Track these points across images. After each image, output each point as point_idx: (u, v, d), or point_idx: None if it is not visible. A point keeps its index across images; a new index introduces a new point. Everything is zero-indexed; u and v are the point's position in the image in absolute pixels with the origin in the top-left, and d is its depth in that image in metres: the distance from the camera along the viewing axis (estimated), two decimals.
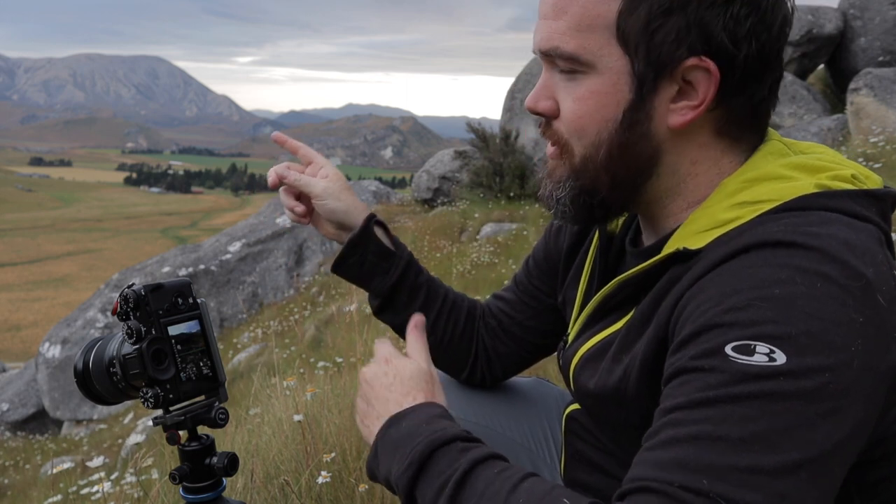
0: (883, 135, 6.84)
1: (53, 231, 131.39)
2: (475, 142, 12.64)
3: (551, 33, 0.87)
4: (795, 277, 0.71)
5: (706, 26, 0.81)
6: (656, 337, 0.83)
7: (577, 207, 0.92)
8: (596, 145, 0.88)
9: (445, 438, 0.84)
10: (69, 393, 11.27)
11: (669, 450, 0.70)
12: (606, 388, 0.91)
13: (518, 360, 1.30)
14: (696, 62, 0.82)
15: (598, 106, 0.86)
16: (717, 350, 0.71)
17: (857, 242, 0.74)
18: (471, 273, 8.08)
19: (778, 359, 0.68)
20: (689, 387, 0.72)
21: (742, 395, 0.68)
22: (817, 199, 0.80)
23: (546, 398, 1.35)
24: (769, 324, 0.69)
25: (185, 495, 1.00)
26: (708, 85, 0.83)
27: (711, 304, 0.74)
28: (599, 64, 0.85)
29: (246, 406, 2.64)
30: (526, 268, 1.28)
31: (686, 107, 0.85)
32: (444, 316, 1.26)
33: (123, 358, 0.95)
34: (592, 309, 1.00)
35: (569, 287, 1.15)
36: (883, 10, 10.87)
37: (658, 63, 0.83)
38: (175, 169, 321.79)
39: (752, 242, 0.75)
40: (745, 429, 0.67)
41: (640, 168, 0.89)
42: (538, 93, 0.92)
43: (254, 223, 14.44)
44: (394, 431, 0.90)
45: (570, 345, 1.05)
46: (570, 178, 0.91)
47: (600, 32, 0.84)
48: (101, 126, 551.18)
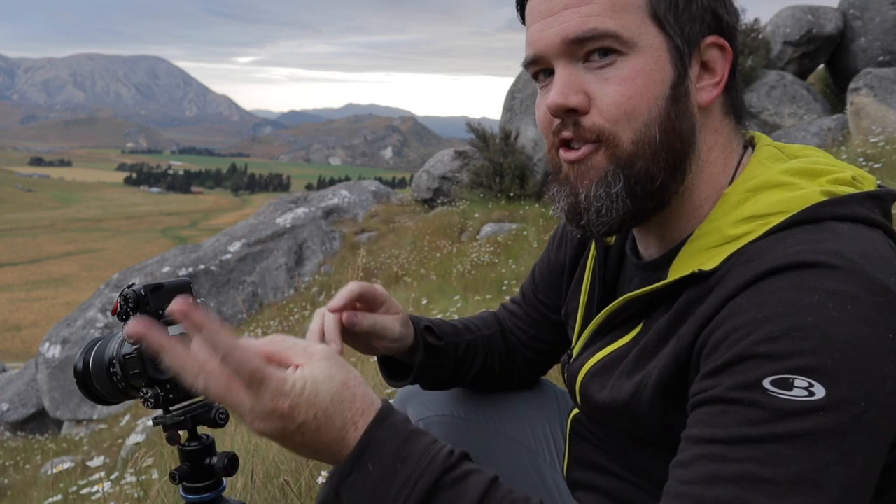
0: (883, 135, 6.84)
1: (53, 231, 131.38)
2: (475, 142, 12.63)
3: (584, 17, 0.84)
4: (827, 303, 0.71)
5: (716, 9, 0.88)
6: (676, 359, 0.82)
7: (633, 199, 0.86)
8: (648, 124, 0.85)
9: (434, 478, 0.74)
10: (69, 393, 11.27)
11: (713, 488, 0.70)
12: (616, 402, 0.91)
13: (547, 363, 1.32)
14: (715, 40, 0.88)
15: (646, 83, 0.85)
16: (754, 384, 0.71)
17: (875, 253, 0.75)
18: (471, 273, 8.08)
19: (817, 393, 0.68)
20: (728, 419, 0.72)
21: (784, 435, 0.69)
22: (826, 207, 0.80)
23: (547, 397, 1.35)
24: (806, 356, 0.69)
25: (185, 495, 1.00)
26: (724, 63, 0.89)
27: (744, 333, 0.73)
28: (640, 42, 0.84)
29: None
30: (532, 280, 1.28)
31: (709, 84, 0.89)
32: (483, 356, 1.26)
33: (123, 358, 0.95)
34: (598, 324, 1.00)
35: (571, 299, 1.15)
36: (883, 10, 10.87)
37: (689, 40, 0.87)
38: (175, 169, 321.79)
39: (776, 266, 0.75)
40: (789, 469, 0.68)
41: (686, 146, 0.88)
42: (566, 87, 0.86)
43: (254, 223, 14.44)
44: (360, 479, 0.74)
45: (576, 359, 1.04)
46: (622, 168, 0.86)
47: (634, 11, 0.85)
48: (101, 126, 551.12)
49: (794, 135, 9.20)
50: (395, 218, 13.21)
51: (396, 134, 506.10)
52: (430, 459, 0.74)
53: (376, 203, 15.12)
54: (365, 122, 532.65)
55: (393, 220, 13.13)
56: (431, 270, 8.86)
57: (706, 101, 0.88)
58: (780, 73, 11.50)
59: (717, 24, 0.88)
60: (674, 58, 0.86)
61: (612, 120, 0.85)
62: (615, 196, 0.86)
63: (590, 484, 1.06)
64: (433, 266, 9.07)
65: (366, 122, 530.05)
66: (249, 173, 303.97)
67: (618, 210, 0.87)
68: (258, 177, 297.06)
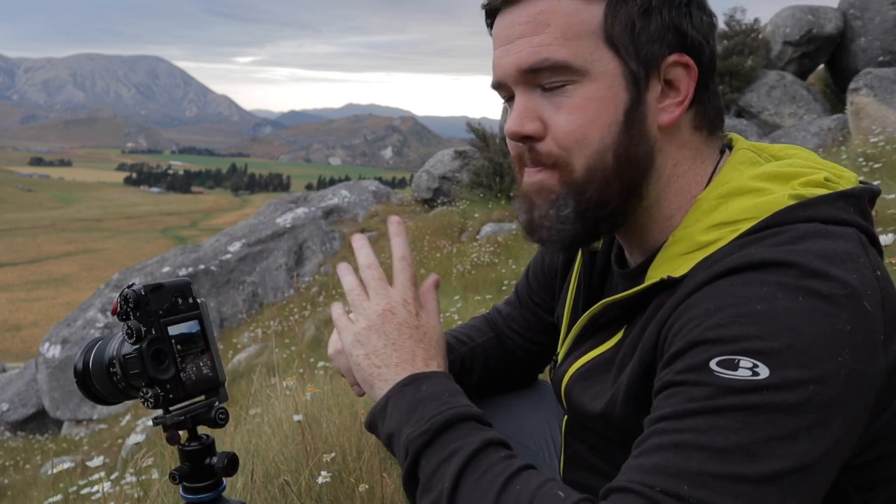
0: (883, 135, 6.84)
1: (53, 231, 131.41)
2: (475, 142, 12.64)
3: (536, 47, 0.85)
4: (776, 293, 0.72)
5: (679, 26, 0.86)
6: (642, 362, 0.84)
7: (583, 223, 0.89)
8: (601, 151, 0.86)
9: (466, 415, 0.85)
10: (69, 393, 11.27)
11: (653, 456, 0.71)
12: (595, 410, 0.93)
13: (544, 363, 1.32)
14: (677, 59, 0.87)
15: (598, 111, 0.86)
16: (701, 365, 0.72)
17: (837, 251, 0.75)
18: (471, 273, 8.09)
19: (761, 373, 0.69)
20: (675, 399, 0.73)
21: (725, 407, 0.69)
22: (793, 211, 0.80)
23: (547, 399, 1.35)
24: (752, 339, 0.71)
25: (185, 495, 1.00)
26: (688, 81, 0.88)
27: (696, 323, 0.75)
28: (593, 69, 0.85)
29: (246, 406, 2.64)
30: (526, 282, 1.28)
31: (672, 104, 0.88)
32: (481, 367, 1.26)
33: (123, 358, 0.95)
34: (580, 329, 1.01)
35: (560, 304, 1.16)
36: (883, 10, 10.87)
37: (647, 61, 0.86)
38: (175, 169, 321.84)
39: (733, 266, 0.76)
40: (727, 439, 0.68)
41: (642, 170, 0.89)
42: (521, 116, 0.89)
43: (254, 223, 14.44)
44: (412, 391, 0.88)
45: (561, 364, 1.06)
46: (573, 194, 0.88)
47: (587, 38, 0.85)
48: (101, 126, 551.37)
49: (794, 135, 9.20)
50: None
51: (396, 134, 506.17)
52: (470, 406, 0.88)
53: (376, 203, 15.12)
54: (365, 122, 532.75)
55: None
56: (431, 270, 8.86)
57: (668, 122, 0.88)
58: (780, 73, 11.50)
59: (681, 42, 0.86)
60: (628, 83, 0.86)
61: (565, 147, 0.87)
62: (565, 218, 0.89)
63: (584, 484, 1.07)
64: (433, 266, 9.08)
65: (366, 122, 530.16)
66: (249, 173, 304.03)
67: (566, 231, 0.90)
68: (258, 177, 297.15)
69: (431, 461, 0.82)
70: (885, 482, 0.84)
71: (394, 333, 0.94)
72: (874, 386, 0.73)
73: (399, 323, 0.94)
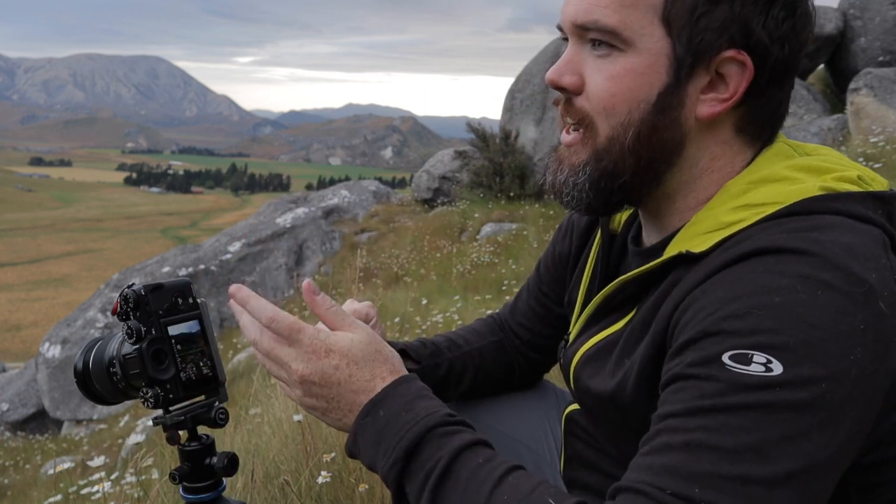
0: (883, 135, 6.83)
1: (53, 231, 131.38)
2: (475, 142, 12.63)
3: (592, 5, 0.85)
4: (796, 285, 0.71)
5: (748, 22, 0.82)
6: (654, 343, 0.83)
7: (596, 192, 0.90)
8: (625, 126, 0.86)
9: (428, 426, 0.82)
10: (69, 393, 11.27)
11: (663, 456, 0.70)
12: (605, 390, 0.91)
13: (550, 362, 1.31)
14: (734, 54, 0.83)
15: (633, 85, 0.85)
16: (713, 358, 0.71)
17: (860, 247, 0.74)
18: (471, 273, 8.08)
19: (775, 369, 0.68)
20: (686, 394, 0.72)
21: (737, 406, 0.68)
22: (821, 201, 0.79)
23: (547, 397, 1.35)
24: (767, 333, 0.69)
25: (185, 495, 1.00)
26: (740, 79, 0.84)
27: (710, 311, 0.73)
28: (639, 42, 0.84)
29: (246, 406, 2.64)
30: (537, 274, 1.28)
31: (715, 99, 0.86)
32: (473, 372, 1.25)
33: (123, 358, 0.95)
34: (594, 308, 1.00)
35: (573, 288, 1.15)
36: (883, 10, 10.87)
37: (698, 49, 0.83)
38: (175, 169, 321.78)
39: (754, 248, 0.75)
40: (738, 439, 0.67)
41: (664, 154, 0.88)
42: (562, 66, 0.89)
43: (254, 223, 14.43)
44: (371, 422, 0.86)
45: (571, 344, 1.05)
46: (592, 161, 0.89)
47: (644, 10, 0.83)
48: (101, 126, 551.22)
49: (794, 135, 9.20)
50: (395, 218, 13.22)
51: (396, 134, 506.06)
52: (430, 413, 0.84)
53: (376, 203, 15.12)
54: (365, 122, 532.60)
55: (393, 220, 13.13)
56: (431, 270, 8.87)
57: (707, 115, 0.86)
58: None
59: (745, 38, 0.83)
60: (671, 65, 0.84)
61: (595, 110, 0.88)
62: (581, 186, 0.90)
63: (584, 483, 1.07)
64: (433, 266, 9.08)
65: (366, 122, 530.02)
66: (249, 173, 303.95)
67: (580, 199, 0.91)
68: (258, 177, 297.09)
69: (413, 487, 0.82)
70: (886, 484, 0.83)
71: (325, 392, 0.88)
72: (884, 386, 0.73)
73: (321, 382, 0.87)
